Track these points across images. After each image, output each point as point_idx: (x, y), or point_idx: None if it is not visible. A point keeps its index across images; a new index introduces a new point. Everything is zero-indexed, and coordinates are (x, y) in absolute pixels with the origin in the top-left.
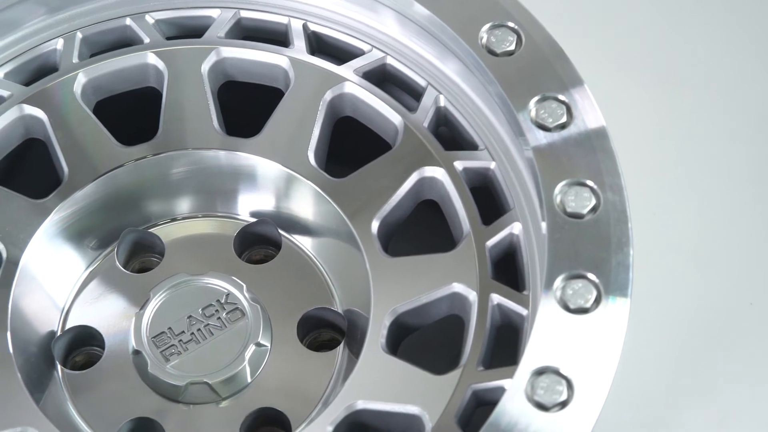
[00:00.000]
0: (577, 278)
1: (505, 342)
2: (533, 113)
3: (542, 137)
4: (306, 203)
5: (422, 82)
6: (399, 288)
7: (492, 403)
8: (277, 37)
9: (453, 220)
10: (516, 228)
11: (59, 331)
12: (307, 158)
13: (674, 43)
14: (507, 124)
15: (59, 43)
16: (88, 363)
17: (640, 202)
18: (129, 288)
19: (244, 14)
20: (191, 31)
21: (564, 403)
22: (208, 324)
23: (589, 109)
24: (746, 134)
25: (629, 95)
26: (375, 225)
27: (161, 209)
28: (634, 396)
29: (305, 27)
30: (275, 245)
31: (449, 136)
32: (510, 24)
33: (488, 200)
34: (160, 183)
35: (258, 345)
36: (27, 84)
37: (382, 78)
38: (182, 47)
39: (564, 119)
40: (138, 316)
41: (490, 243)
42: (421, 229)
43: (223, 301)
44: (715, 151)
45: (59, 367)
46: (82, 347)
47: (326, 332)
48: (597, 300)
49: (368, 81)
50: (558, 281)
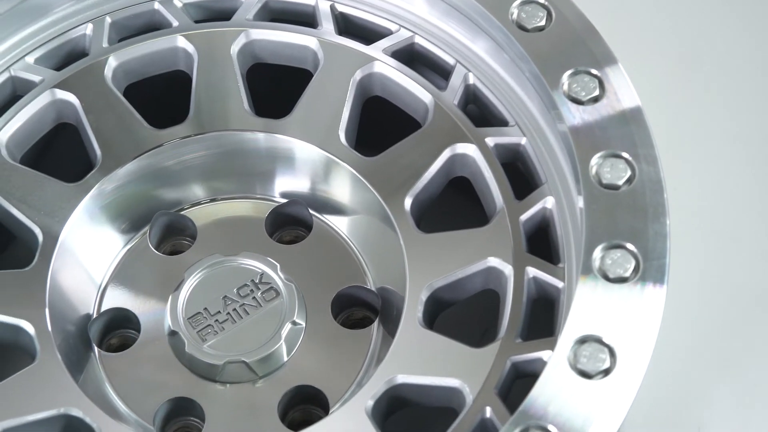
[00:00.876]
0: (616, 248)
1: (537, 315)
2: (566, 87)
3: (576, 111)
4: (338, 182)
5: (451, 61)
6: (434, 263)
7: (531, 375)
8: (305, 19)
9: (485, 196)
10: (549, 202)
11: (95, 309)
12: (338, 138)
13: (701, 21)
14: (538, 100)
15: (88, 28)
16: (123, 346)
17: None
18: (162, 270)
19: None
20: (219, 14)
21: (607, 371)
22: (244, 304)
23: (621, 82)
24: None
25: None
26: (408, 202)
27: (193, 191)
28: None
29: (333, 8)
30: (306, 226)
31: (478, 114)
32: (540, 0)
33: (516, 176)
34: (193, 165)
35: (294, 323)
36: (57, 69)
37: (410, 57)
38: (211, 30)
39: (597, 92)
40: (173, 297)
41: (524, 217)
42: (447, 211)
43: (258, 281)
44: (739, 130)
45: (95, 349)
46: (118, 330)
47: (359, 311)
48: (636, 269)
49: (397, 60)
50: (597, 251)
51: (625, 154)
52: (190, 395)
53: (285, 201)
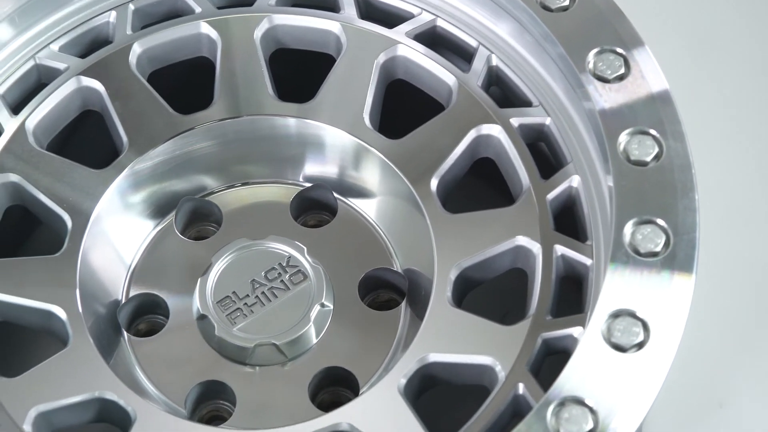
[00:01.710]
0: (646, 224)
1: (562, 294)
2: (591, 66)
3: (602, 89)
4: (363, 165)
5: (473, 43)
6: (462, 243)
7: (562, 351)
8: (327, 4)
9: (511, 176)
10: (575, 181)
11: (124, 294)
12: (363, 120)
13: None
14: (562, 80)
15: (112, 16)
16: (151, 331)
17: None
18: (189, 255)
19: None
20: (240, 0)
21: (641, 344)
22: (272, 287)
23: (646, 60)
24: None
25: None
26: (434, 183)
27: (218, 176)
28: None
29: None
30: (330, 210)
31: (500, 96)
32: None
33: (539, 156)
34: (217, 151)
35: (322, 306)
36: (82, 56)
37: (433, 40)
38: (234, 16)
39: (622, 71)
40: (202, 281)
41: (550, 196)
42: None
43: (285, 264)
44: (760, 110)
45: (125, 333)
46: (146, 315)
47: (385, 293)
48: (666, 244)
49: (419, 44)
50: (627, 227)
51: (653, 131)
52: (221, 378)
53: (310, 185)
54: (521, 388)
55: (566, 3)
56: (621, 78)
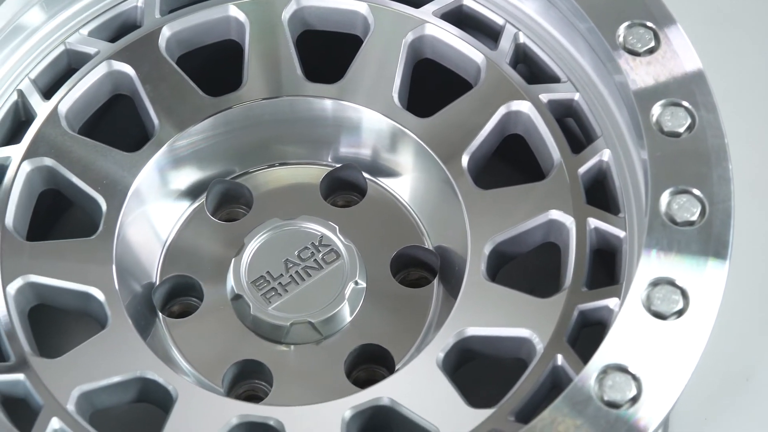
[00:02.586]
0: (682, 193)
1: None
2: (621, 39)
3: (633, 62)
4: (393, 143)
5: (500, 21)
6: (495, 218)
7: (598, 323)
8: None
9: (541, 152)
10: (605, 155)
11: (158, 276)
12: (393, 100)
13: None
14: (590, 55)
15: (140, 0)
16: (185, 313)
17: None
18: (220, 236)
19: None
20: None
21: (680, 312)
22: (305, 266)
23: (675, 32)
24: None
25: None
26: (465, 159)
27: (252, 157)
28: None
29: None
30: (359, 190)
31: (527, 73)
32: None
33: (566, 132)
34: (255, 130)
35: (356, 284)
36: (111, 41)
37: (459, 19)
38: None
39: (652, 44)
40: (236, 262)
41: (582, 170)
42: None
43: (318, 244)
44: None
45: (160, 315)
46: (180, 297)
47: (415, 271)
48: (702, 213)
49: (446, 23)
50: (663, 197)
51: (685, 102)
52: (257, 357)
53: (339, 165)
54: (560, 360)
55: None
56: (651, 51)
